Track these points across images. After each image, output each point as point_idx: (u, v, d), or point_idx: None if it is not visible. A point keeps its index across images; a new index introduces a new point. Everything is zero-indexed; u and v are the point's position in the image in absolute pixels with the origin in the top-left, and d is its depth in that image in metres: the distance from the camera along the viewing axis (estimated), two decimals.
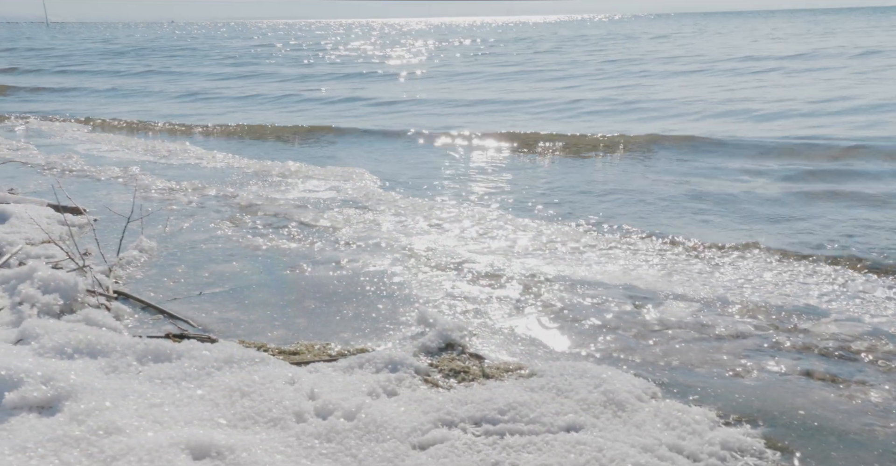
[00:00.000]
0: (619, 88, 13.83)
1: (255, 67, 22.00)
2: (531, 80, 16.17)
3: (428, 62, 22.99)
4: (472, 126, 9.14)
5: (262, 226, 4.84)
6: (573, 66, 19.85)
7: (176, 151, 7.95)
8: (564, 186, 5.96)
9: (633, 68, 18.40)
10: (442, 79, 17.45)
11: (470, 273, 3.85)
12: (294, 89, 15.40)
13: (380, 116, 10.91)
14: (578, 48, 28.95)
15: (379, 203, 5.38)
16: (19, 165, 7.04)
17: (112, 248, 4.20)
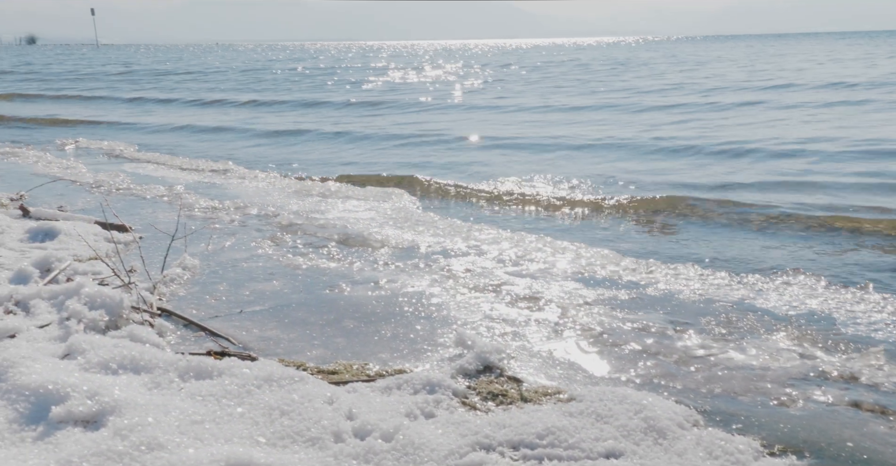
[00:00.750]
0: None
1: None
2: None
3: (500, 88, 22.38)
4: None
5: (302, 245, 4.89)
6: (676, 91, 18.05)
7: (219, 170, 8.09)
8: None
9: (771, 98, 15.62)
10: (526, 112, 14.64)
11: (508, 295, 3.84)
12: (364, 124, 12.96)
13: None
14: (647, 70, 28.24)
15: (417, 224, 5.40)
16: (69, 184, 7.23)
17: (156, 265, 4.29)
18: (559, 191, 6.56)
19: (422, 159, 8.66)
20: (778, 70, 24.56)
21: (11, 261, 4.24)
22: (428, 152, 9.21)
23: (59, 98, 20.20)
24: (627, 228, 5.35)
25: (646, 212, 5.79)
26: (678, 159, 8.20)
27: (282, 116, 14.67)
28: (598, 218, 5.58)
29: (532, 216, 5.66)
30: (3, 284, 3.78)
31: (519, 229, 5.27)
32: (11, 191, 6.64)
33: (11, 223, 5.09)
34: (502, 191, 6.57)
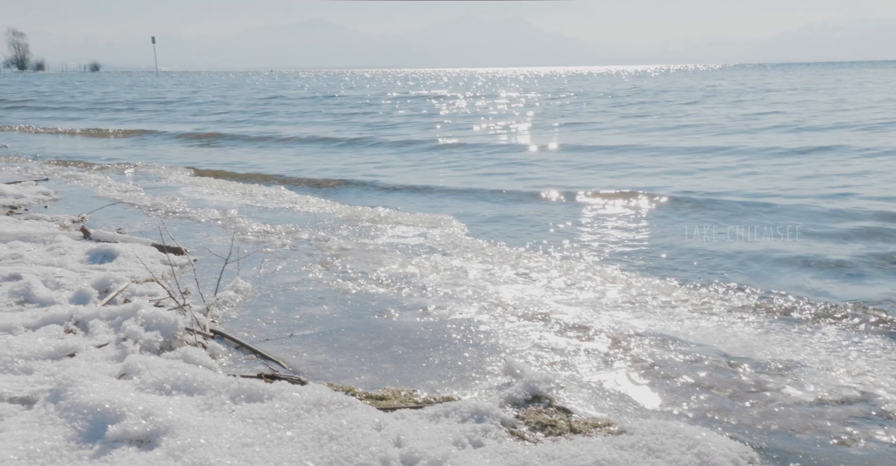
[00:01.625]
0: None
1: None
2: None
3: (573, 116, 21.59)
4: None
5: (351, 270, 4.93)
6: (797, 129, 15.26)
7: (272, 194, 8.24)
8: (658, 238, 5.84)
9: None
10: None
11: (557, 324, 3.80)
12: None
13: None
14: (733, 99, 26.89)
15: (466, 251, 5.41)
16: (127, 206, 7.44)
17: (210, 287, 4.37)
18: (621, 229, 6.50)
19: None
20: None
21: (72, 282, 4.37)
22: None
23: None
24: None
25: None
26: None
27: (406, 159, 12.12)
28: (651, 250, 5.50)
29: (582, 245, 5.61)
30: (64, 304, 3.90)
31: (568, 257, 5.24)
32: (74, 213, 6.86)
33: (73, 245, 5.25)
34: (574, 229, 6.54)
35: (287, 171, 10.40)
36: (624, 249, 5.44)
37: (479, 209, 7.27)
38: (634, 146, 12.78)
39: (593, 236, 5.92)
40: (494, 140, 14.43)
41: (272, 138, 15.46)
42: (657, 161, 10.73)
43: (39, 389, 2.73)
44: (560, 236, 5.90)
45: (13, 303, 3.96)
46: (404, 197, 8.20)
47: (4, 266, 4.64)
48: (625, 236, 5.88)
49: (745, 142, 12.91)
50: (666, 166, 10.11)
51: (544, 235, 5.98)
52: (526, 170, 10.19)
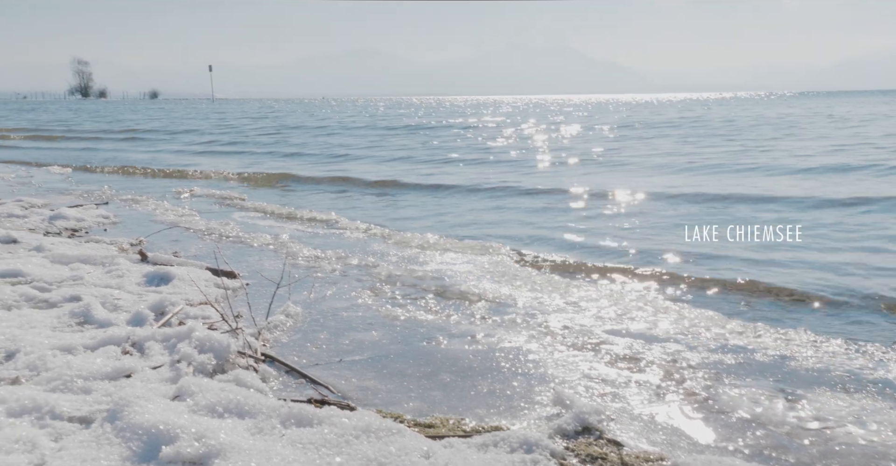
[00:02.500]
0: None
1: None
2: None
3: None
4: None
5: (400, 296, 4.96)
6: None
7: (323, 220, 8.35)
8: (711, 271, 5.74)
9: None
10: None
11: (607, 355, 3.75)
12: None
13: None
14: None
15: (515, 278, 5.39)
16: (183, 230, 7.62)
17: (261, 311, 4.43)
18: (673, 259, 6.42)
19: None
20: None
21: (130, 303, 4.48)
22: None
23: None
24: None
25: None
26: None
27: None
28: (703, 282, 5.40)
29: (633, 274, 5.54)
30: (122, 325, 3.99)
31: (619, 286, 5.18)
32: (132, 236, 7.05)
33: (131, 267, 5.39)
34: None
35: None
36: (676, 281, 5.35)
37: (531, 240, 7.25)
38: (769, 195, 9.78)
39: (644, 266, 5.85)
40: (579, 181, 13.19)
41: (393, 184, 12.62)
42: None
43: (97, 409, 2.80)
44: (613, 266, 5.84)
45: (73, 324, 4.08)
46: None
47: (66, 288, 4.79)
48: (677, 268, 5.79)
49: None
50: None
51: (595, 265, 5.92)
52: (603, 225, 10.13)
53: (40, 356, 3.32)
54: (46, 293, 4.65)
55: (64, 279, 5.06)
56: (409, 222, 8.32)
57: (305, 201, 10.20)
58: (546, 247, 6.68)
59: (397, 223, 8.18)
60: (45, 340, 3.61)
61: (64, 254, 5.76)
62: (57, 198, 10.19)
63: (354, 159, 17.25)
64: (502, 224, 8.13)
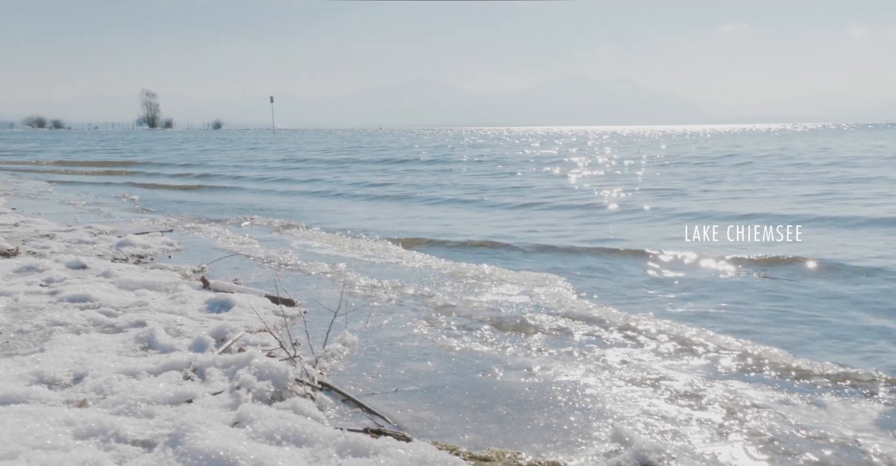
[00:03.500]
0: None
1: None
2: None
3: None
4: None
5: (455, 327, 4.95)
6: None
7: (378, 249, 8.43)
8: (777, 304, 5.58)
9: None
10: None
11: (667, 391, 3.67)
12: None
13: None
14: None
15: (571, 310, 5.33)
16: (243, 258, 7.78)
17: (319, 339, 4.48)
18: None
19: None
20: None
21: (192, 329, 4.58)
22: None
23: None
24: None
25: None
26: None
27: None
28: (770, 320, 5.26)
29: (696, 309, 5.43)
30: (184, 351, 4.08)
31: (679, 321, 5.07)
32: (194, 263, 7.22)
33: (193, 294, 5.52)
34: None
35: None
36: (740, 316, 5.22)
37: (590, 274, 7.18)
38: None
39: (707, 300, 5.73)
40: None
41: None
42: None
43: (159, 433, 2.85)
44: (671, 300, 5.73)
45: (138, 348, 4.19)
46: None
47: (131, 313, 4.93)
48: (741, 303, 5.65)
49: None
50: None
51: (653, 298, 5.83)
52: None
53: (107, 380, 3.41)
54: (113, 318, 4.79)
55: (130, 305, 5.21)
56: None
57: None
58: (603, 281, 6.60)
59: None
60: (112, 364, 3.71)
61: (130, 280, 5.94)
62: (124, 225, 10.53)
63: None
64: (558, 257, 8.08)
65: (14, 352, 4.06)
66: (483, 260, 7.61)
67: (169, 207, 13.86)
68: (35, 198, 15.42)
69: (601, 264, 7.36)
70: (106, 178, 23.28)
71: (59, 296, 5.33)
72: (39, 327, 4.54)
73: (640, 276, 6.74)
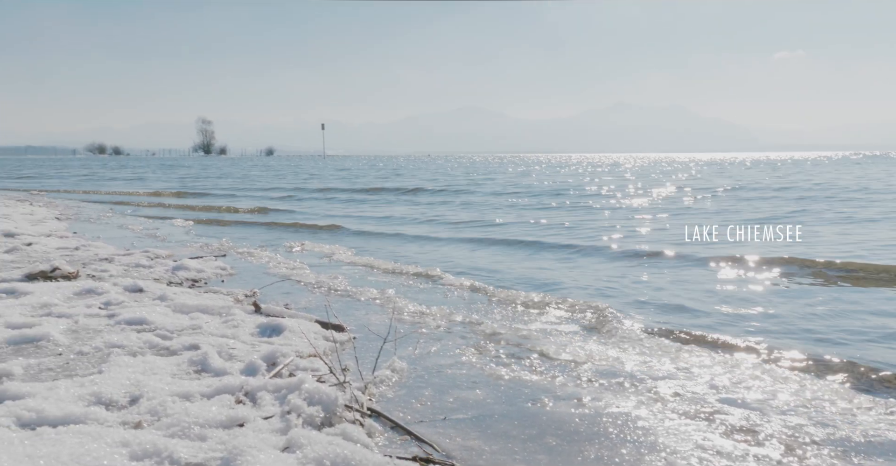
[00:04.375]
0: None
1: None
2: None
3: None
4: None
5: (504, 355, 4.92)
6: None
7: (428, 275, 8.45)
8: (839, 329, 5.42)
9: None
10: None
11: (722, 425, 3.58)
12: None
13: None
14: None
15: (622, 341, 5.26)
16: (294, 283, 7.88)
17: (368, 365, 4.49)
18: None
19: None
20: None
21: (243, 353, 4.64)
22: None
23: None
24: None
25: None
26: None
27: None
28: (832, 353, 5.11)
29: (751, 341, 5.30)
30: (236, 374, 4.14)
31: (733, 354, 4.95)
32: (246, 288, 7.34)
33: (245, 318, 5.61)
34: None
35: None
36: (799, 348, 5.08)
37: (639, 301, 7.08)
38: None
39: (762, 331, 5.59)
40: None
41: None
42: None
43: (211, 456, 2.89)
44: (725, 331, 5.61)
45: (191, 371, 4.26)
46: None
47: (185, 336, 5.02)
48: (801, 332, 5.50)
49: None
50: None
51: (707, 328, 5.71)
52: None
53: (161, 402, 3.48)
54: (168, 341, 4.89)
55: (184, 328, 5.31)
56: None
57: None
58: (656, 310, 6.50)
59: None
60: (166, 386, 3.78)
61: (185, 304, 6.06)
62: (179, 249, 10.78)
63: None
64: (614, 284, 7.99)
65: (74, 373, 4.17)
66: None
67: (224, 232, 14.15)
68: (95, 222, 15.91)
69: (657, 294, 7.26)
70: (156, 199, 23.90)
71: (117, 319, 5.47)
72: (98, 348, 4.66)
73: (695, 304, 6.62)
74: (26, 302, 5.94)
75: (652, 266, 9.14)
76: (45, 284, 6.86)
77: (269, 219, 17.50)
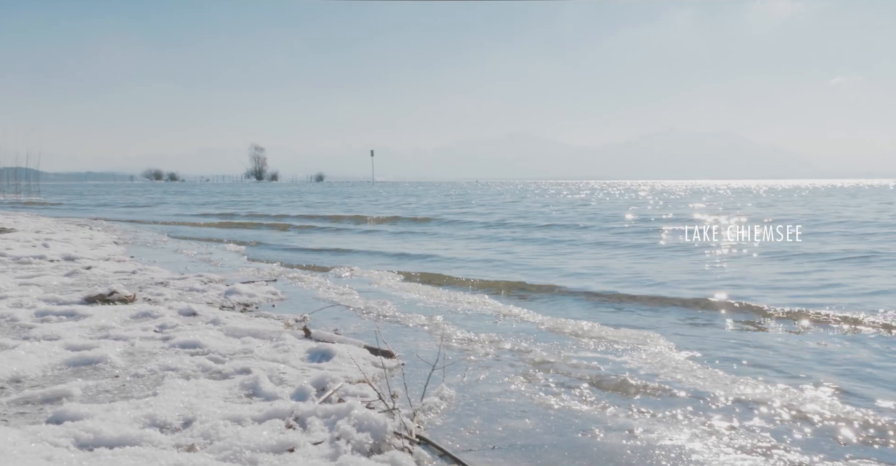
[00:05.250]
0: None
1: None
2: None
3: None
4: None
5: (554, 384, 4.87)
6: None
7: (475, 303, 8.44)
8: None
9: None
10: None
11: (780, 461, 3.47)
12: None
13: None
14: None
15: (675, 371, 5.15)
16: (343, 308, 7.94)
17: (416, 392, 4.49)
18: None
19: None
20: None
21: (294, 378, 4.68)
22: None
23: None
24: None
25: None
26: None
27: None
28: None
29: (812, 375, 5.15)
30: (286, 399, 4.17)
31: (792, 387, 4.81)
32: (297, 313, 7.43)
33: (295, 343, 5.66)
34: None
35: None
36: (863, 383, 4.91)
37: (689, 329, 6.95)
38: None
39: (827, 365, 5.42)
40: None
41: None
42: None
43: None
44: (786, 364, 5.46)
45: (243, 395, 4.31)
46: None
47: (237, 360, 5.09)
48: (864, 367, 5.32)
49: None
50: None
51: (766, 360, 5.56)
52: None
53: (213, 426, 3.52)
54: (220, 365, 4.96)
55: (236, 352, 5.39)
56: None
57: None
58: (708, 341, 6.36)
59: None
60: (218, 410, 3.83)
61: (237, 328, 6.16)
62: (232, 274, 10.97)
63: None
64: (661, 315, 7.86)
65: (130, 395, 4.25)
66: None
67: (275, 256, 14.37)
68: (151, 246, 16.32)
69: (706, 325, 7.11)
70: (205, 218, 24.39)
71: (172, 342, 5.58)
72: (153, 371, 4.76)
73: (753, 338, 6.46)
74: (85, 325, 6.10)
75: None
76: (104, 307, 7.04)
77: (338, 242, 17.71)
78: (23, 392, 4.20)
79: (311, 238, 19.59)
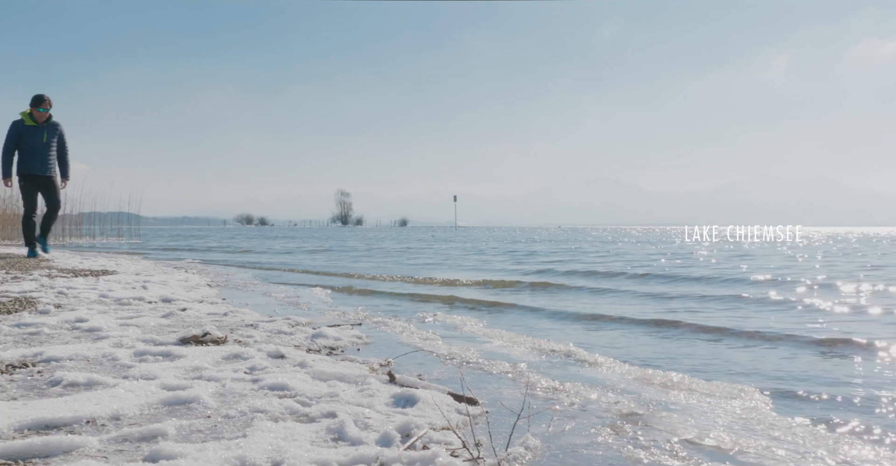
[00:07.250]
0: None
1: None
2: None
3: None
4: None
5: (643, 438, 4.72)
6: None
7: (560, 351, 8.31)
8: None
9: None
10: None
11: None
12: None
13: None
14: None
15: (772, 428, 4.92)
16: (427, 354, 7.96)
17: (500, 441, 4.43)
18: None
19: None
20: None
21: (378, 423, 4.70)
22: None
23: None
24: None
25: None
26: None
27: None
28: None
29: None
30: (371, 445, 4.19)
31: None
32: (381, 357, 7.49)
33: (380, 388, 5.70)
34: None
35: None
36: None
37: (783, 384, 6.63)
38: None
39: None
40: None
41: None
42: None
43: None
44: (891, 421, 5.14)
45: (329, 439, 4.35)
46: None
47: (324, 404, 5.16)
48: None
49: None
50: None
51: (870, 417, 5.25)
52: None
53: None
54: (307, 408, 5.03)
55: (322, 395, 5.45)
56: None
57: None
58: (806, 396, 6.05)
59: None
60: (305, 453, 3.88)
61: (323, 371, 6.25)
62: (318, 317, 11.18)
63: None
64: (756, 366, 7.54)
65: (221, 436, 4.35)
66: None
67: (362, 303, 14.59)
68: (242, 289, 16.82)
69: (804, 380, 6.78)
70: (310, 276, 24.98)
71: (261, 384, 5.70)
72: (243, 413, 4.86)
73: (855, 390, 6.11)
74: (180, 365, 6.31)
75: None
76: (197, 348, 7.27)
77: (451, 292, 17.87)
78: (122, 430, 4.35)
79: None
